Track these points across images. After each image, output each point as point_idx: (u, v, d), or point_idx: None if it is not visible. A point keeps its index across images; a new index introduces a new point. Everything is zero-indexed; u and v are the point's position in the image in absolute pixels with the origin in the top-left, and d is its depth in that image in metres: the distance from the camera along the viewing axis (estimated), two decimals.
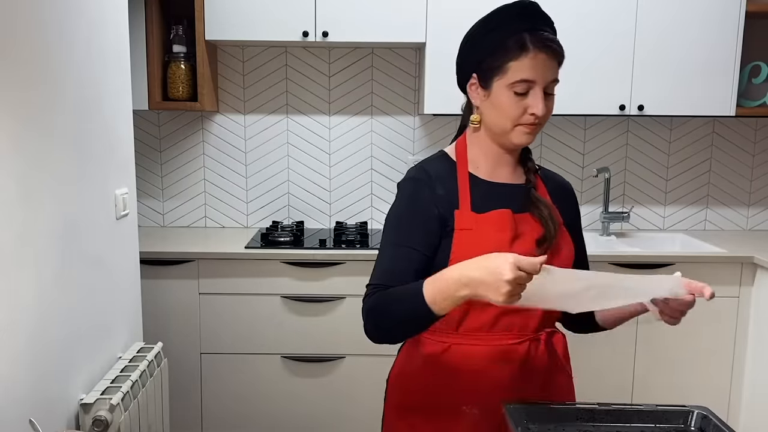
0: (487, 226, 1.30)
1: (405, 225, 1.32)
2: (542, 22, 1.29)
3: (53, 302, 1.64)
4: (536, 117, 1.27)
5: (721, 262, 2.74)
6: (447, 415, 1.34)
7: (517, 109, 1.27)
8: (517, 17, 1.28)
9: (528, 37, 1.26)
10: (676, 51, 2.85)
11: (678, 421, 1.29)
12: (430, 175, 1.35)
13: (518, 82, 1.26)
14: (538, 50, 1.26)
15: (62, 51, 1.69)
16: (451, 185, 1.34)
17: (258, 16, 2.82)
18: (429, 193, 1.33)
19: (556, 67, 1.30)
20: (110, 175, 2.02)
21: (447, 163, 1.38)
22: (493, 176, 1.37)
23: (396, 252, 1.30)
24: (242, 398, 2.81)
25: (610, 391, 2.80)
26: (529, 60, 1.25)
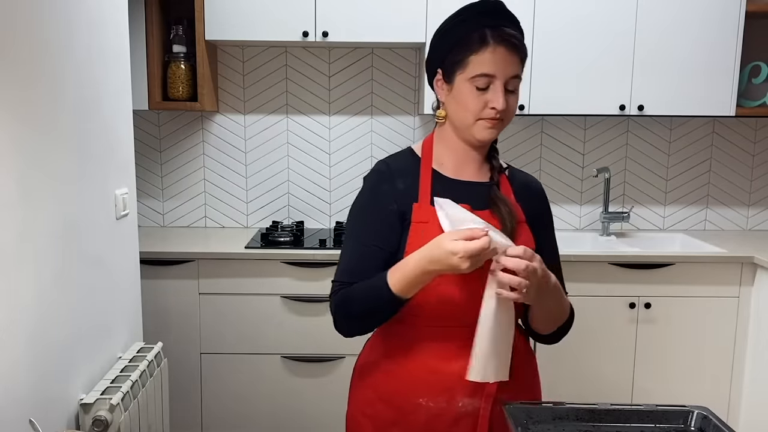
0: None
1: (367, 221, 1.38)
2: (505, 20, 1.32)
3: (53, 302, 1.64)
4: (497, 111, 1.29)
5: (721, 262, 2.74)
6: (406, 408, 1.37)
7: (478, 104, 1.30)
8: (480, 14, 1.31)
9: (489, 32, 1.28)
10: (676, 51, 2.85)
11: (678, 421, 1.29)
12: (392, 170, 1.39)
13: (478, 76, 1.29)
14: (497, 44, 1.28)
15: (62, 51, 1.69)
16: (413, 180, 1.38)
17: (258, 16, 2.82)
18: (389, 188, 1.37)
19: (518, 64, 1.31)
20: (110, 175, 2.02)
21: (412, 159, 1.42)
22: (458, 174, 1.39)
23: (359, 249, 1.37)
24: (242, 398, 2.81)
25: (610, 391, 2.80)
26: (488, 54, 1.28)
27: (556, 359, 2.80)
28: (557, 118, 3.22)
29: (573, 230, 3.31)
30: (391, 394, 1.39)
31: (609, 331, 2.79)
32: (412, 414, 1.37)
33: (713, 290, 2.76)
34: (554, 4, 2.82)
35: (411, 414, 1.37)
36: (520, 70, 1.31)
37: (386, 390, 1.40)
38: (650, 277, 2.75)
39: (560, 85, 2.87)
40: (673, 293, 2.76)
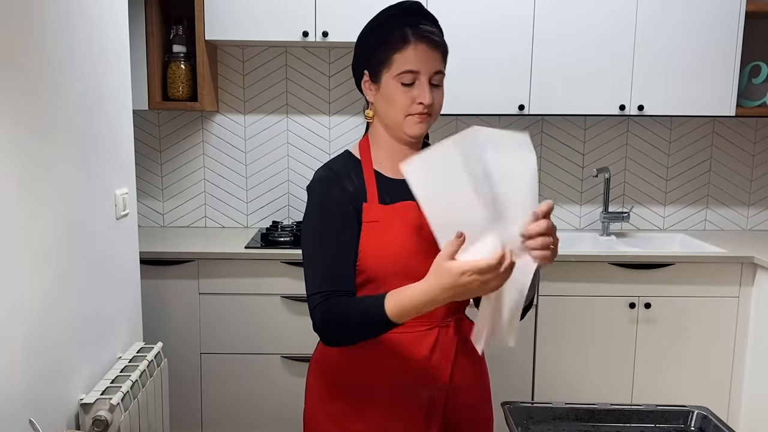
0: (393, 218, 1.35)
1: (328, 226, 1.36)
2: (423, 18, 1.36)
3: (53, 302, 1.64)
4: (424, 106, 1.33)
5: (721, 262, 2.75)
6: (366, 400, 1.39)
7: (406, 100, 1.33)
8: (399, 14, 1.36)
9: (409, 30, 1.33)
10: (676, 51, 2.85)
11: (678, 421, 1.29)
12: (338, 173, 1.40)
13: (403, 72, 1.32)
14: (418, 41, 1.32)
15: (62, 51, 1.69)
16: (358, 181, 1.39)
17: (258, 16, 2.82)
18: (339, 191, 1.37)
19: (440, 59, 1.35)
20: (110, 175, 2.02)
21: (352, 161, 1.43)
22: (396, 173, 1.38)
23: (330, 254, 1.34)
24: (242, 398, 2.81)
25: (610, 391, 2.80)
26: (411, 51, 1.32)
27: (556, 359, 2.80)
28: (557, 118, 3.22)
29: (573, 230, 3.31)
30: (348, 387, 1.41)
31: (609, 331, 2.79)
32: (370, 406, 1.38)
33: (713, 290, 2.76)
34: (554, 4, 2.82)
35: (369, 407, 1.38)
36: (442, 66, 1.36)
37: (343, 383, 1.42)
38: (650, 277, 2.75)
39: (560, 85, 2.87)
40: (673, 293, 2.76)
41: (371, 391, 1.39)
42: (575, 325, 2.78)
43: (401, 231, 1.35)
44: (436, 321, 1.39)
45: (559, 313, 2.77)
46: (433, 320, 1.39)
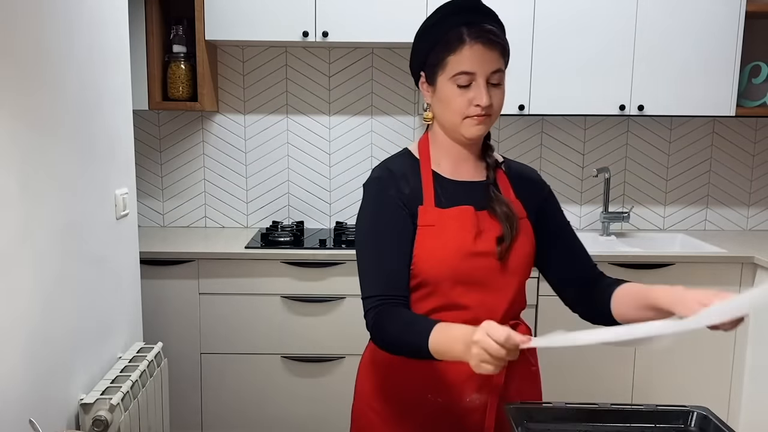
0: (450, 223, 1.33)
1: (382, 228, 1.34)
2: (481, 16, 1.31)
3: (53, 302, 1.64)
4: (482, 108, 1.29)
5: (721, 262, 2.74)
6: (412, 403, 1.37)
7: (462, 102, 1.30)
8: (455, 12, 1.31)
9: (464, 30, 1.28)
10: (676, 51, 2.85)
11: (678, 421, 1.29)
12: (394, 174, 1.37)
13: (458, 74, 1.28)
14: (474, 41, 1.27)
15: (62, 51, 1.69)
16: (415, 182, 1.37)
17: (258, 16, 2.82)
18: (395, 192, 1.35)
19: (498, 58, 1.30)
20: (110, 175, 2.02)
21: (410, 161, 1.40)
22: (455, 174, 1.39)
23: (384, 257, 1.32)
24: (242, 398, 2.81)
25: (610, 391, 2.80)
26: (466, 52, 1.28)
27: (556, 359, 2.80)
28: (557, 118, 3.22)
29: None
30: (398, 388, 1.39)
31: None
32: (419, 408, 1.37)
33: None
34: (554, 4, 2.82)
35: (418, 408, 1.37)
36: (502, 64, 1.31)
37: (393, 384, 1.40)
38: (650, 277, 2.75)
39: (560, 85, 2.87)
40: None
41: (419, 393, 1.37)
42: (575, 325, 2.77)
43: (457, 236, 1.32)
44: None
45: (559, 313, 2.75)
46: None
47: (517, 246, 1.35)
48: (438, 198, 1.35)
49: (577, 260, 1.45)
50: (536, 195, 1.44)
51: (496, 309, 1.34)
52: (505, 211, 1.35)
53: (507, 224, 1.34)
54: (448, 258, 1.31)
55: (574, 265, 1.44)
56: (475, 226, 1.33)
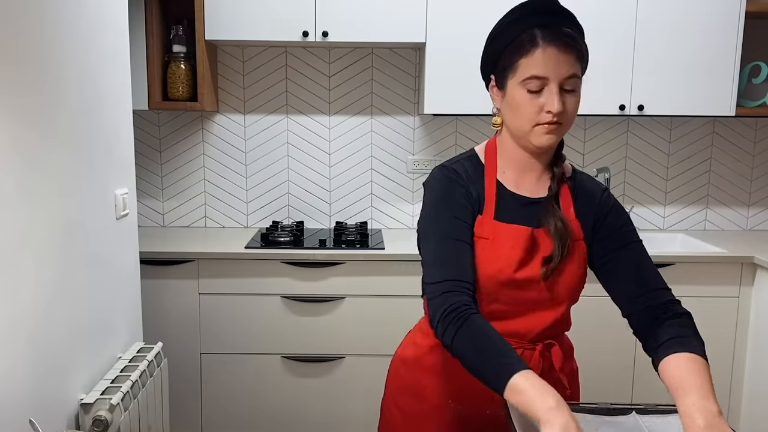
0: (504, 240, 1.29)
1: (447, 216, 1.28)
2: (557, 18, 1.23)
3: (53, 302, 1.64)
4: (553, 115, 1.21)
5: (721, 262, 2.74)
6: (434, 405, 1.37)
7: (533, 108, 1.23)
8: (530, 14, 1.24)
9: (538, 32, 1.21)
10: (676, 51, 2.85)
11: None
12: (461, 176, 1.32)
13: (529, 78, 1.21)
14: (547, 44, 1.20)
15: (62, 51, 1.69)
16: (478, 189, 1.32)
17: (258, 16, 2.82)
18: (463, 191, 1.30)
19: (573, 62, 1.22)
20: (110, 175, 2.02)
21: (476, 165, 1.35)
22: (518, 186, 1.34)
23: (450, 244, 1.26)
24: (242, 398, 2.81)
25: (610, 391, 2.80)
26: (539, 55, 1.20)
27: None
28: None
29: None
30: (422, 389, 1.39)
31: (609, 331, 2.78)
32: (440, 413, 1.37)
33: (713, 290, 2.76)
34: None
35: (439, 413, 1.37)
36: (577, 69, 1.23)
37: (418, 385, 1.40)
38: None
39: None
40: (673, 293, 2.76)
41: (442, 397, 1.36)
42: (575, 324, 2.77)
43: (506, 255, 1.28)
44: (523, 343, 1.32)
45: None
46: (520, 341, 1.32)
47: (567, 270, 1.30)
48: (498, 210, 1.30)
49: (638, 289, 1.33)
50: (594, 212, 1.36)
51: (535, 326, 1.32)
52: (559, 227, 1.28)
53: (558, 242, 1.27)
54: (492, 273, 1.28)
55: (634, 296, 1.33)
56: (526, 248, 1.28)
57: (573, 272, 1.32)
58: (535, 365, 1.33)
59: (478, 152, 1.37)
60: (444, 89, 2.86)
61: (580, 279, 1.34)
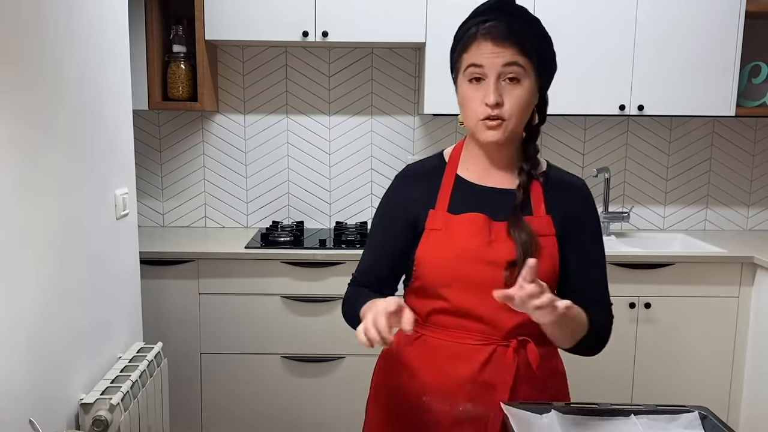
0: (458, 228, 1.30)
1: (379, 225, 1.42)
2: (499, 14, 1.26)
3: (53, 302, 1.64)
4: (490, 107, 1.24)
5: (721, 262, 2.74)
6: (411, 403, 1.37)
7: (475, 102, 1.26)
8: (475, 14, 1.30)
9: (477, 28, 1.26)
10: (676, 51, 2.85)
11: None
12: (412, 175, 1.40)
13: (468, 67, 1.26)
14: (483, 37, 1.25)
15: (62, 51, 1.69)
16: (433, 186, 1.36)
17: (258, 16, 2.82)
18: (401, 196, 1.38)
19: (512, 52, 1.23)
20: (110, 175, 2.02)
21: (438, 163, 1.40)
22: (482, 179, 1.35)
23: (372, 251, 1.43)
24: (242, 398, 2.81)
25: (610, 391, 2.80)
26: (475, 47, 1.26)
27: None
28: (557, 118, 3.22)
29: None
30: (401, 387, 1.39)
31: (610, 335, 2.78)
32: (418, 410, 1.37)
33: (713, 290, 2.76)
34: (554, 5, 2.82)
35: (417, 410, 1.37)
36: (518, 58, 1.23)
37: (397, 383, 1.40)
38: (650, 277, 2.75)
39: (560, 85, 2.84)
40: (673, 293, 2.76)
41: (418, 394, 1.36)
42: None
43: (462, 242, 1.29)
44: (496, 339, 1.31)
45: None
46: (492, 338, 1.31)
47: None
48: (453, 204, 1.33)
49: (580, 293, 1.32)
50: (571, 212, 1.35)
51: (505, 321, 1.30)
52: (524, 239, 1.27)
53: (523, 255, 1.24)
54: (448, 262, 1.29)
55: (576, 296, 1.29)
56: (485, 235, 1.29)
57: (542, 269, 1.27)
58: (509, 363, 1.31)
59: (445, 152, 1.43)
60: (444, 89, 2.83)
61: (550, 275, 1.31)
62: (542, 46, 1.28)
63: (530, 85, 1.26)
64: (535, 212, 1.32)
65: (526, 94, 1.26)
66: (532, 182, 1.34)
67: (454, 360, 1.33)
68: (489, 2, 1.30)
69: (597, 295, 1.37)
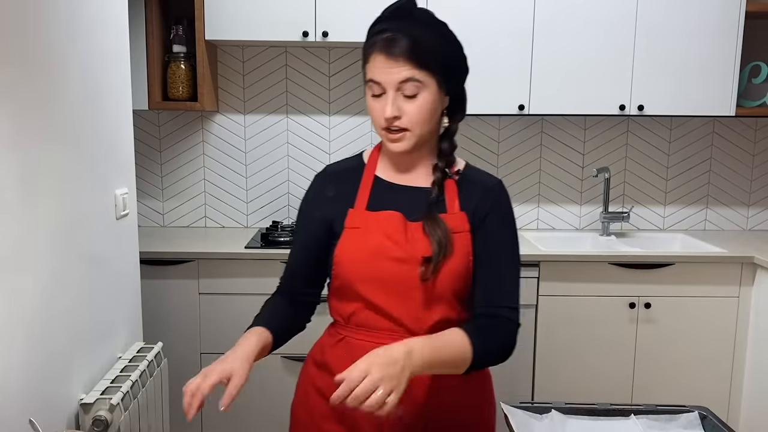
0: (374, 225, 1.31)
1: (301, 224, 1.43)
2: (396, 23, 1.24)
3: (53, 302, 1.64)
4: (389, 120, 1.24)
5: (721, 262, 2.75)
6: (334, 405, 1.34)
7: (377, 113, 1.27)
8: (377, 21, 1.28)
9: (375, 39, 1.25)
10: (676, 51, 2.85)
11: None
12: (329, 176, 1.41)
13: (368, 82, 1.27)
14: (377, 51, 1.24)
15: (62, 51, 1.69)
16: (351, 186, 1.36)
17: (258, 16, 2.82)
18: (318, 196, 1.39)
19: (408, 68, 1.22)
20: (110, 175, 2.02)
21: (356, 163, 1.40)
22: (399, 178, 1.36)
23: (293, 253, 1.44)
24: (242, 398, 2.80)
25: (610, 391, 2.80)
26: (372, 62, 1.25)
27: (556, 359, 2.80)
28: (557, 118, 3.22)
29: (573, 230, 3.31)
30: (324, 389, 1.39)
31: (609, 331, 2.79)
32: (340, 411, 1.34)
33: (713, 290, 2.76)
34: (554, 5, 2.82)
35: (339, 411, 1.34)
36: (414, 73, 1.22)
37: (321, 385, 1.41)
38: (650, 277, 2.75)
39: (560, 85, 2.87)
40: (673, 293, 2.76)
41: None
42: (575, 325, 2.78)
43: (377, 239, 1.29)
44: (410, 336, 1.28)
45: (559, 313, 2.77)
46: (413, 335, 1.28)
47: (449, 265, 1.27)
48: (371, 203, 1.33)
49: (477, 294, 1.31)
50: (484, 208, 1.33)
51: (424, 319, 1.29)
52: (439, 236, 1.26)
53: (438, 252, 1.25)
54: (365, 259, 1.29)
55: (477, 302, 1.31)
56: (401, 233, 1.28)
57: (453, 269, 1.28)
58: None
59: (364, 152, 1.43)
60: None
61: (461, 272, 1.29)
62: (446, 53, 1.26)
63: (431, 95, 1.25)
64: (449, 209, 1.32)
65: (427, 105, 1.25)
66: (447, 180, 1.34)
67: None
68: (389, 8, 1.27)
69: (496, 298, 1.30)
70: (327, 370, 1.40)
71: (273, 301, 1.46)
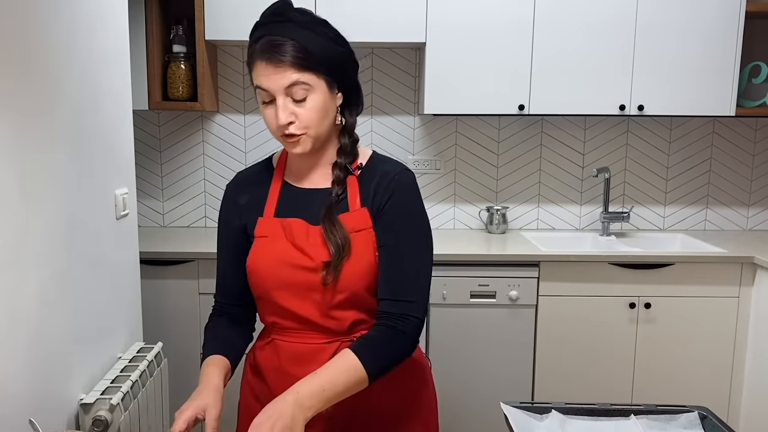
0: (279, 232, 1.30)
1: (220, 234, 1.40)
2: (272, 27, 1.22)
3: (53, 302, 1.64)
4: (284, 127, 1.22)
5: (721, 262, 2.75)
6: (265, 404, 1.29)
7: (270, 119, 1.24)
8: (256, 26, 1.26)
9: (255, 45, 1.23)
10: (676, 51, 2.85)
11: None
12: (239, 183, 1.39)
13: (257, 89, 1.24)
14: (258, 58, 1.22)
15: (62, 51, 1.69)
16: (261, 193, 1.35)
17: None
18: (231, 204, 1.37)
19: (291, 72, 1.20)
20: (110, 175, 2.02)
21: (265, 170, 1.39)
22: (303, 181, 1.35)
23: (220, 267, 1.41)
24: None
25: (610, 391, 2.80)
26: (255, 69, 1.23)
27: (556, 359, 2.80)
28: (557, 118, 3.22)
29: (573, 230, 3.31)
30: (257, 390, 1.44)
31: (609, 330, 2.79)
32: None
33: (713, 290, 2.76)
34: (554, 4, 2.82)
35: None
36: (299, 77, 1.20)
37: (255, 386, 1.46)
38: (650, 277, 2.75)
39: (560, 85, 2.87)
40: (673, 293, 2.76)
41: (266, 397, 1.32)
42: (575, 325, 2.78)
43: (282, 247, 1.28)
44: (340, 335, 1.31)
45: (559, 313, 2.77)
46: (336, 334, 1.30)
47: (349, 267, 1.25)
48: (279, 209, 1.32)
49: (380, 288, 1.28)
50: (385, 202, 1.29)
51: (341, 320, 1.29)
52: (337, 242, 1.24)
53: (337, 255, 1.24)
54: (273, 268, 1.28)
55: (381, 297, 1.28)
56: (304, 240, 1.27)
57: (355, 267, 1.26)
58: None
59: (273, 157, 1.41)
60: (444, 89, 2.86)
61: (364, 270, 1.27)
62: (329, 51, 1.24)
63: (321, 96, 1.23)
64: (351, 207, 1.29)
65: (318, 106, 1.23)
66: (349, 176, 1.31)
67: (299, 361, 1.32)
68: (265, 12, 1.25)
69: (399, 291, 1.26)
70: (260, 375, 1.43)
71: (213, 325, 1.46)
